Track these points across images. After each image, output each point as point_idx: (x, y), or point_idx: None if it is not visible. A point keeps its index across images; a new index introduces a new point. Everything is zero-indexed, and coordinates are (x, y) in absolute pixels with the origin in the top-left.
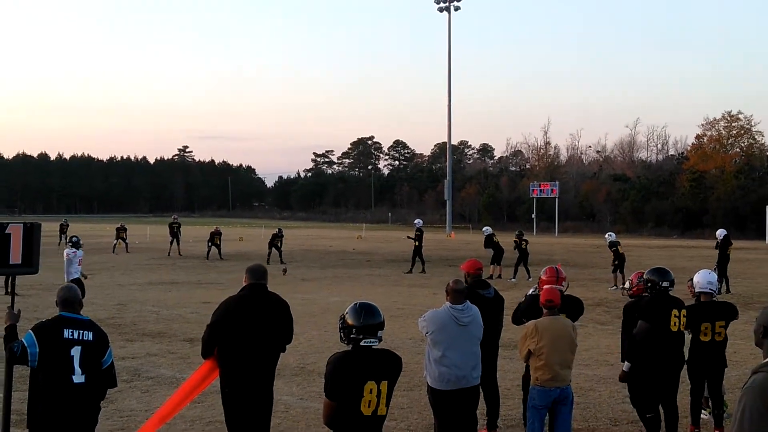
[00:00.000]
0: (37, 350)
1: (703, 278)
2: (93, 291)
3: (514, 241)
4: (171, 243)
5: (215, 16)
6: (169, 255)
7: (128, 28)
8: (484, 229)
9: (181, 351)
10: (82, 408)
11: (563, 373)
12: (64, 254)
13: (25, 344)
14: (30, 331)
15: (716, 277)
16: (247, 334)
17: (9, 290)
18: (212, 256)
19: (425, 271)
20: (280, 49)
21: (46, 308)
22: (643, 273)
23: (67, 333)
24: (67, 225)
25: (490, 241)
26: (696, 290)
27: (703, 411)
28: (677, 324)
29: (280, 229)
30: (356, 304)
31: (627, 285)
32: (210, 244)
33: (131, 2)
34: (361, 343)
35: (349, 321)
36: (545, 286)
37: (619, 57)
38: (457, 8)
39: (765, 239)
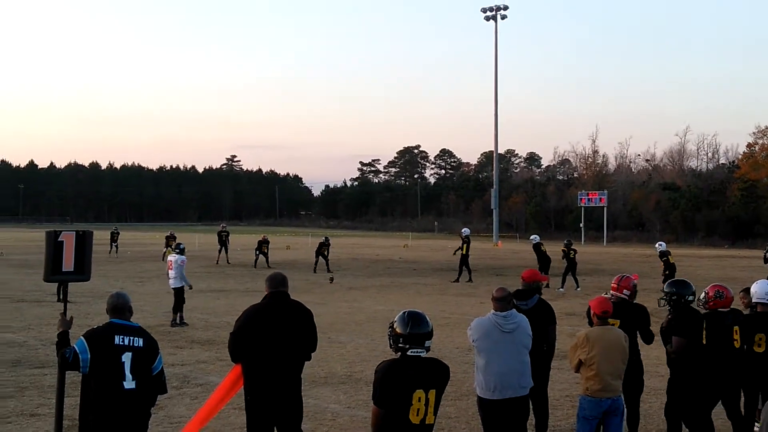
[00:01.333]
0: (89, 356)
1: (762, 288)
2: (143, 298)
3: (563, 251)
4: (219, 251)
5: (264, 24)
6: (217, 263)
7: (177, 37)
8: (531, 237)
9: (229, 358)
10: (132, 414)
11: (614, 384)
12: (173, 262)
13: (77, 351)
14: (81, 337)
15: None
16: (267, 341)
17: (61, 297)
18: (260, 264)
19: (472, 280)
20: (329, 58)
21: (97, 315)
22: (722, 288)
23: (117, 339)
24: (118, 233)
25: (537, 250)
26: (754, 300)
27: (756, 424)
28: (704, 337)
29: (327, 238)
30: (405, 312)
31: (703, 297)
32: (258, 252)
33: (180, 12)
34: (408, 353)
35: (398, 330)
36: (598, 297)
37: (669, 64)
38: (504, 17)
39: None
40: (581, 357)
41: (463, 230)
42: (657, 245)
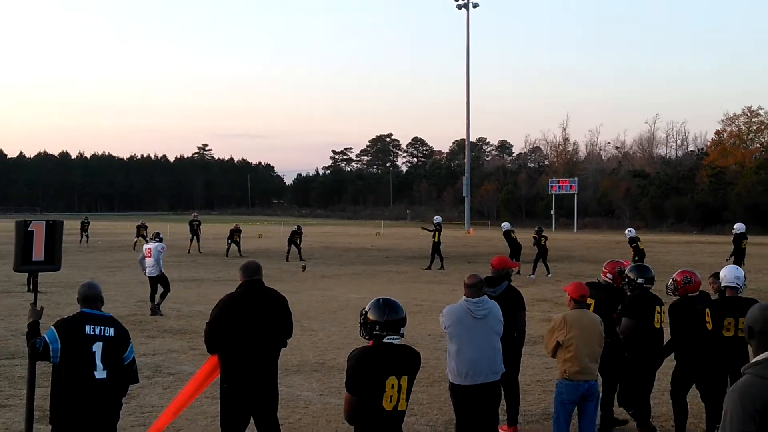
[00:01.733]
0: (59, 346)
1: (731, 273)
2: (115, 288)
3: (534, 238)
4: (191, 240)
5: (236, 14)
6: (189, 252)
7: (147, 27)
8: (502, 224)
9: (202, 347)
10: (104, 404)
11: (591, 367)
12: (151, 249)
13: (48, 340)
14: (52, 327)
15: (743, 273)
16: (243, 330)
17: (31, 287)
18: (232, 253)
19: (444, 267)
20: (299, 47)
21: (68, 305)
22: (690, 273)
23: (88, 329)
24: (88, 222)
25: (508, 237)
26: (722, 284)
27: None
28: (659, 321)
29: (299, 226)
30: (378, 300)
31: (671, 284)
32: (230, 241)
33: (151, 1)
34: (384, 340)
35: (372, 317)
36: (575, 282)
37: (638, 52)
38: (475, 5)
39: None
40: (559, 339)
41: (435, 218)
42: (626, 231)
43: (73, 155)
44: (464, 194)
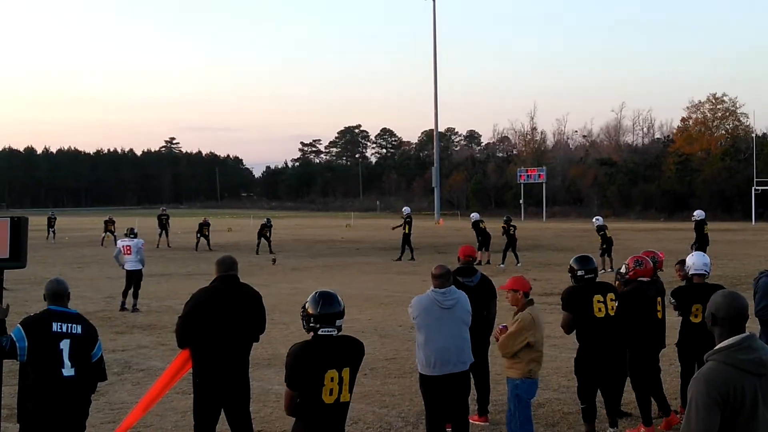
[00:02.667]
0: (26, 344)
1: (699, 260)
2: (83, 284)
3: (503, 227)
4: (160, 235)
5: (200, 7)
6: (158, 247)
7: (112, 19)
8: (471, 215)
9: (171, 343)
10: (72, 401)
11: None
12: (131, 247)
13: (14, 338)
14: (18, 325)
15: (709, 259)
16: (217, 324)
17: None
18: (201, 247)
19: (414, 258)
20: (266, 39)
21: (35, 302)
22: (641, 257)
23: (55, 326)
24: (55, 218)
25: (476, 227)
26: (690, 272)
27: None
28: (603, 309)
29: (268, 219)
30: (316, 293)
31: (623, 270)
32: (199, 235)
33: None
34: (319, 332)
35: (309, 310)
36: (514, 276)
37: (604, 41)
38: None
39: (751, 220)
40: (530, 340)
41: (404, 209)
42: (594, 220)
43: (39, 150)
44: (433, 184)
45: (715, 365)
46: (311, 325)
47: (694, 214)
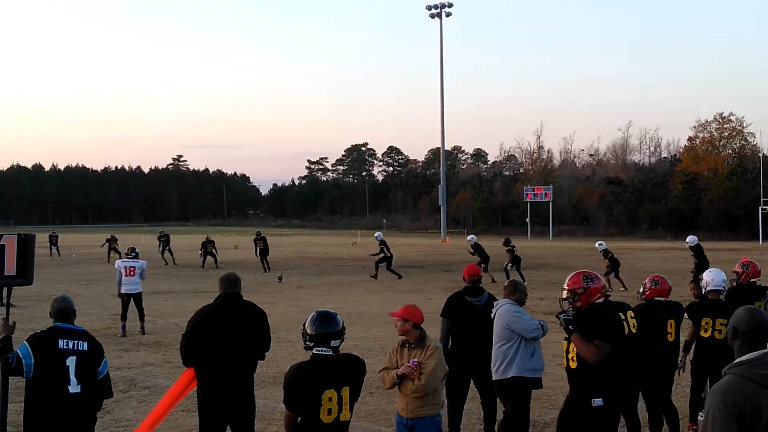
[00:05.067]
0: (33, 361)
1: (718, 276)
2: (89, 301)
3: (507, 250)
4: (162, 254)
5: (208, 25)
6: (165, 265)
7: (121, 37)
8: (468, 237)
9: (177, 360)
10: (78, 419)
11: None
12: (135, 268)
13: (20, 355)
14: (25, 342)
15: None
16: (220, 342)
17: (4, 302)
18: (208, 264)
19: (377, 277)
20: (274, 57)
21: (41, 319)
22: (658, 277)
23: (62, 343)
24: (56, 236)
25: (478, 248)
26: (708, 288)
27: (701, 411)
28: (626, 327)
29: (259, 232)
30: (316, 312)
31: (641, 289)
32: (202, 252)
33: (124, 13)
34: (314, 351)
35: (307, 329)
36: (407, 305)
37: (611, 60)
38: (448, 14)
39: (758, 240)
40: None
41: (376, 234)
42: (597, 245)
43: (47, 167)
44: (440, 203)
45: (733, 379)
46: (307, 344)
47: (688, 240)
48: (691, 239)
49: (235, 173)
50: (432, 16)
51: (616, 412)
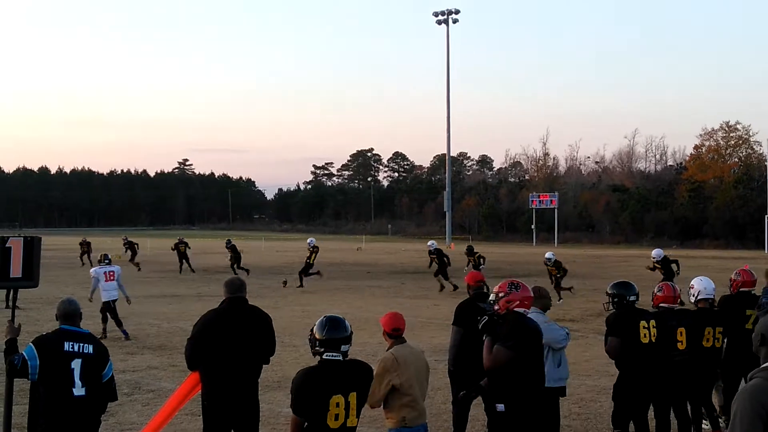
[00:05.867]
0: (38, 363)
1: (709, 285)
2: (94, 305)
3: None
4: (181, 263)
5: (213, 29)
6: (180, 273)
7: (127, 41)
8: (429, 243)
9: (182, 364)
10: (82, 421)
11: (424, 407)
12: (115, 273)
13: (26, 357)
14: (30, 344)
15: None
16: (225, 347)
17: (9, 304)
18: (197, 268)
19: (303, 285)
20: (279, 62)
21: (47, 322)
22: (665, 284)
23: (67, 346)
24: (89, 243)
25: (439, 254)
26: (700, 296)
27: (704, 421)
28: (647, 335)
29: (228, 240)
30: (324, 317)
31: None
32: (173, 250)
33: (129, 17)
34: (324, 357)
35: (315, 334)
36: (389, 313)
37: (617, 68)
38: (455, 21)
39: (764, 249)
40: (394, 383)
41: (309, 240)
42: (547, 256)
43: (53, 170)
44: (445, 209)
45: (760, 382)
46: (317, 349)
47: (654, 254)
48: (657, 253)
49: (241, 177)
50: (439, 22)
51: (523, 419)
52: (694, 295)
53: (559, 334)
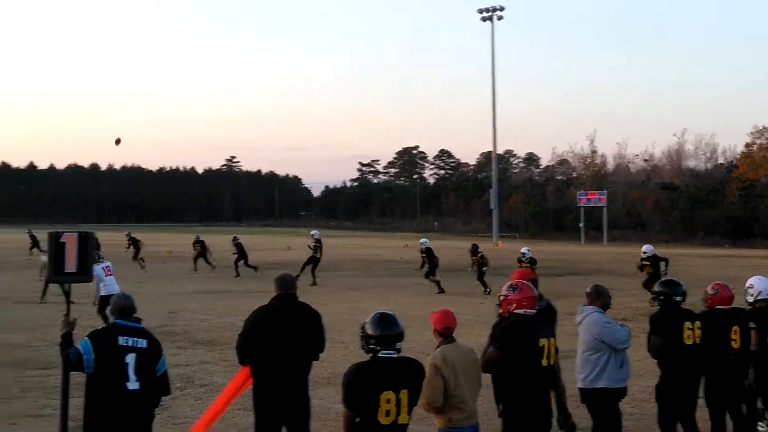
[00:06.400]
0: (93, 357)
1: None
2: (142, 300)
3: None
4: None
5: (262, 25)
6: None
7: (175, 37)
8: (422, 240)
9: (233, 359)
10: (136, 415)
11: (475, 407)
12: (110, 267)
13: (81, 351)
14: (86, 338)
15: None
16: (275, 343)
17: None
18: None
19: (316, 284)
20: (328, 59)
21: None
22: (718, 285)
23: (122, 340)
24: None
25: (429, 253)
26: (761, 296)
27: (759, 423)
28: (691, 336)
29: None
30: (376, 314)
31: (703, 296)
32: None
33: (178, 12)
34: (379, 354)
35: (369, 331)
36: (442, 310)
37: (666, 65)
38: (500, 17)
39: None
40: (444, 384)
41: (312, 233)
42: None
43: (103, 167)
44: (492, 207)
45: None
46: (371, 346)
47: (644, 249)
48: (648, 248)
49: (288, 175)
50: (483, 19)
51: (518, 419)
52: (753, 295)
53: (622, 335)
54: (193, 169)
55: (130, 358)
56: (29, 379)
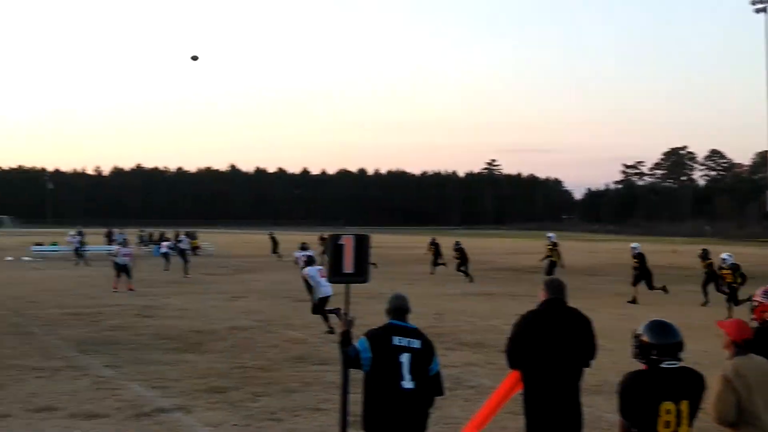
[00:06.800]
0: (370, 355)
1: None
2: (412, 300)
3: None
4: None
5: (512, 20)
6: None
7: (430, 38)
8: (632, 245)
9: (499, 362)
10: (412, 413)
11: None
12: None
13: (359, 349)
14: (364, 337)
15: None
16: (543, 348)
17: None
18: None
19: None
20: (587, 56)
21: (371, 315)
22: None
23: (396, 340)
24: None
25: (641, 259)
26: None
27: None
28: None
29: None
30: (653, 321)
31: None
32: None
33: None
34: (662, 365)
35: (647, 339)
36: (737, 320)
37: None
38: None
39: None
40: (736, 403)
41: (549, 235)
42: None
43: (370, 171)
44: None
45: None
46: (652, 357)
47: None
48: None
49: (548, 177)
50: (757, 11)
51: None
52: None
53: None
54: (454, 172)
55: (405, 358)
56: (309, 374)
